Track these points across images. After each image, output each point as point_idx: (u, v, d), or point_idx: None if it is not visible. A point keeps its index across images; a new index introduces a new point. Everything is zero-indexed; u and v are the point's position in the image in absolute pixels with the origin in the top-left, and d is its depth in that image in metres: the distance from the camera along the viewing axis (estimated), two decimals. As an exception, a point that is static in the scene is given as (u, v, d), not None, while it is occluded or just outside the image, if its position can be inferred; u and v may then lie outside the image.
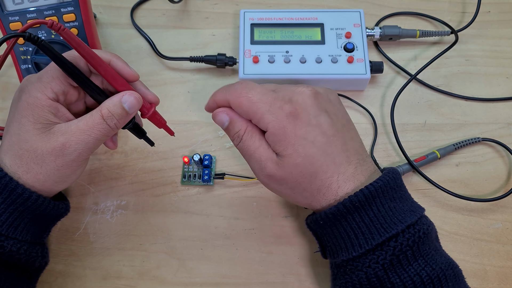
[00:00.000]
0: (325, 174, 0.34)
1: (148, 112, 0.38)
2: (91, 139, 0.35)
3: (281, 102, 0.34)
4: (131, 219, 0.45)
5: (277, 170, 0.34)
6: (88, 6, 0.45)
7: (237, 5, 0.57)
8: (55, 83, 0.34)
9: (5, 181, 0.34)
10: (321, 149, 0.34)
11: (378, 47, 0.54)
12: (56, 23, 0.30)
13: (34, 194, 0.35)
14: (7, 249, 0.34)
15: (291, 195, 0.36)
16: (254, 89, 0.35)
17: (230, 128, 0.36)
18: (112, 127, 0.35)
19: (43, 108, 0.34)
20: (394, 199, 0.34)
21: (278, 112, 0.34)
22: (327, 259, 0.38)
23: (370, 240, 0.32)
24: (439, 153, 0.47)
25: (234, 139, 0.37)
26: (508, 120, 0.50)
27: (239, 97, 0.35)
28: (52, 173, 0.35)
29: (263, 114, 0.34)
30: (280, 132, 0.34)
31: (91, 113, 0.35)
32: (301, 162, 0.34)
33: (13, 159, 0.34)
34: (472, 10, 0.55)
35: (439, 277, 0.31)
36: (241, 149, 0.36)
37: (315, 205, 0.35)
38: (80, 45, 0.32)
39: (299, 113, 0.34)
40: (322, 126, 0.34)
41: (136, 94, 0.36)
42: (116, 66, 0.36)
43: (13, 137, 0.35)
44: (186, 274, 0.43)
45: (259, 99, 0.34)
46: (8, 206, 0.34)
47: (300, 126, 0.34)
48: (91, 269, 0.43)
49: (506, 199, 0.45)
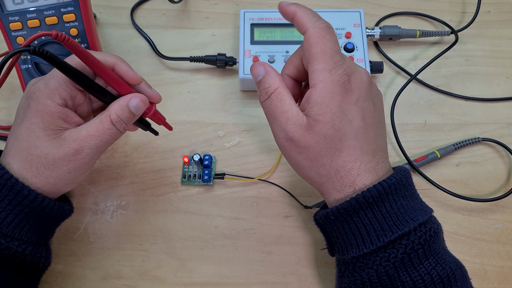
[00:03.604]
0: (350, 157, 0.33)
1: (150, 111, 0.39)
2: (102, 143, 0.35)
3: (343, 70, 0.33)
4: (131, 219, 0.45)
5: (303, 136, 0.33)
6: (88, 6, 0.45)
7: (237, 5, 0.57)
8: (62, 89, 0.35)
9: (11, 183, 0.34)
10: (355, 131, 0.33)
11: (378, 47, 0.54)
12: (60, 34, 0.30)
13: (40, 195, 0.35)
14: (13, 250, 0.34)
15: (306, 167, 0.35)
16: (334, 40, 0.33)
17: (262, 82, 0.35)
18: (121, 131, 0.36)
19: (53, 114, 0.34)
20: (406, 197, 0.34)
21: (336, 77, 0.33)
22: (334, 256, 0.38)
23: (382, 237, 0.32)
24: (439, 153, 0.47)
25: (261, 95, 0.35)
26: (508, 120, 0.50)
27: (319, 36, 0.33)
28: (63, 176, 0.35)
29: (324, 69, 0.33)
30: (327, 95, 0.32)
31: (100, 118, 0.35)
32: (332, 134, 0.33)
33: (21, 164, 0.35)
34: (472, 10, 0.55)
35: (449, 277, 0.31)
36: (266, 108, 0.35)
37: (326, 188, 0.35)
38: (85, 54, 0.32)
39: (352, 89, 0.33)
40: (365, 112, 0.34)
41: (142, 97, 0.37)
42: (120, 70, 0.36)
43: (21, 143, 0.35)
44: (186, 274, 0.43)
45: (332, 52, 0.33)
46: (14, 207, 0.34)
47: (347, 101, 0.33)
48: (91, 269, 0.43)
49: (506, 199, 0.45)
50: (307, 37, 0.33)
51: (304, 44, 0.34)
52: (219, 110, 0.51)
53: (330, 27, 0.34)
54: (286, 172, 0.47)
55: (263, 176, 0.47)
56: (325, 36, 0.33)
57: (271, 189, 0.47)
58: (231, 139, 0.49)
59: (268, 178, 0.47)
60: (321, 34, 0.33)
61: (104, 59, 0.35)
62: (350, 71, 0.33)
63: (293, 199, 0.46)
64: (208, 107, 0.51)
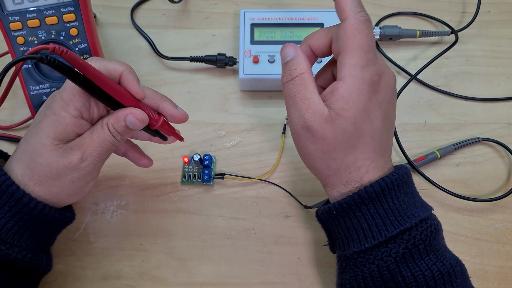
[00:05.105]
0: (362, 154, 0.33)
1: (157, 123, 0.37)
2: (104, 151, 0.35)
3: (375, 69, 0.32)
4: (131, 219, 0.45)
5: (321, 127, 0.32)
6: (88, 6, 0.45)
7: (237, 5, 0.57)
8: (76, 100, 0.34)
9: (12, 190, 0.34)
10: (373, 131, 0.33)
11: (378, 47, 0.54)
12: (58, 48, 0.28)
13: (41, 204, 0.35)
14: (13, 257, 0.34)
15: (316, 158, 0.34)
16: (372, 36, 0.32)
17: (289, 63, 0.34)
18: (119, 140, 0.36)
19: (67, 126, 0.34)
20: (407, 193, 0.34)
21: (367, 74, 0.32)
22: (335, 253, 0.38)
23: (384, 231, 0.32)
24: (439, 153, 0.47)
25: (285, 75, 0.35)
26: (508, 120, 0.50)
27: (359, 30, 0.32)
28: (66, 185, 0.35)
29: (356, 64, 0.32)
30: (355, 92, 0.32)
31: (101, 125, 0.35)
32: (351, 130, 0.32)
33: (24, 169, 0.35)
34: (472, 10, 0.55)
35: (449, 273, 0.31)
36: (288, 90, 0.34)
37: (332, 180, 0.35)
38: (85, 67, 0.31)
39: (380, 89, 0.33)
40: (386, 114, 0.34)
41: (141, 115, 0.35)
42: (125, 81, 0.34)
43: (27, 147, 0.35)
44: (186, 274, 0.43)
45: (368, 48, 0.32)
46: (14, 214, 0.34)
47: (373, 101, 0.33)
48: (91, 269, 0.43)
49: (506, 199, 0.45)
50: (345, 26, 0.32)
51: (340, 32, 0.32)
52: (219, 110, 0.51)
53: (370, 21, 0.32)
54: (286, 172, 0.47)
55: (263, 176, 0.47)
56: (364, 30, 0.32)
57: (271, 189, 0.47)
58: (231, 139, 0.49)
59: (268, 178, 0.47)
60: (361, 27, 0.32)
61: (114, 67, 0.34)
62: (381, 71, 0.33)
63: (293, 199, 0.46)
64: (208, 107, 0.51)
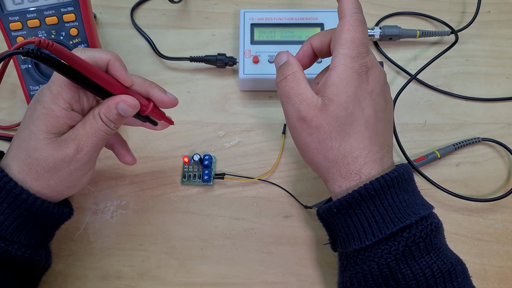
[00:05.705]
0: (358, 143, 0.34)
1: (147, 109, 0.38)
2: (99, 140, 0.35)
3: (364, 61, 0.35)
4: (131, 219, 0.45)
5: (316, 116, 0.34)
6: (88, 6, 0.45)
7: (237, 5, 0.57)
8: (65, 93, 0.34)
9: (10, 186, 0.34)
10: (366, 119, 0.34)
11: (378, 47, 0.54)
12: (43, 41, 0.28)
13: (39, 199, 0.35)
14: (12, 253, 0.34)
15: (314, 150, 0.35)
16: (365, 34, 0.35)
17: (282, 66, 0.37)
18: (112, 129, 0.36)
19: (58, 119, 0.34)
20: (407, 191, 0.34)
21: (356, 65, 0.34)
22: (336, 251, 0.38)
23: (384, 229, 0.32)
24: (439, 153, 0.47)
25: (278, 75, 0.37)
26: (508, 120, 0.50)
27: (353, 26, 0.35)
28: (64, 178, 0.35)
29: (347, 54, 0.34)
30: (344, 78, 0.34)
31: (93, 114, 0.35)
32: (343, 116, 0.34)
33: (20, 166, 0.35)
34: (472, 10, 0.55)
35: (449, 272, 0.31)
36: (281, 88, 0.36)
37: (332, 173, 0.35)
38: (72, 58, 0.31)
39: (369, 81, 0.35)
40: (377, 105, 0.35)
41: (131, 101, 0.35)
42: (113, 69, 0.35)
43: (22, 144, 0.35)
44: (186, 274, 0.43)
45: (360, 42, 0.34)
46: (13, 211, 0.34)
47: (363, 89, 0.34)
48: (91, 269, 0.43)
49: (506, 199, 0.45)
50: (342, 23, 0.35)
51: (337, 28, 0.36)
52: (219, 110, 0.51)
53: (365, 22, 0.36)
54: (286, 172, 0.47)
55: (263, 176, 0.47)
56: (358, 27, 0.35)
57: (271, 189, 0.47)
58: (231, 139, 0.49)
59: (268, 178, 0.47)
60: (355, 24, 0.35)
61: (100, 56, 0.34)
62: (370, 65, 0.35)
63: (293, 199, 0.46)
64: (208, 107, 0.51)
